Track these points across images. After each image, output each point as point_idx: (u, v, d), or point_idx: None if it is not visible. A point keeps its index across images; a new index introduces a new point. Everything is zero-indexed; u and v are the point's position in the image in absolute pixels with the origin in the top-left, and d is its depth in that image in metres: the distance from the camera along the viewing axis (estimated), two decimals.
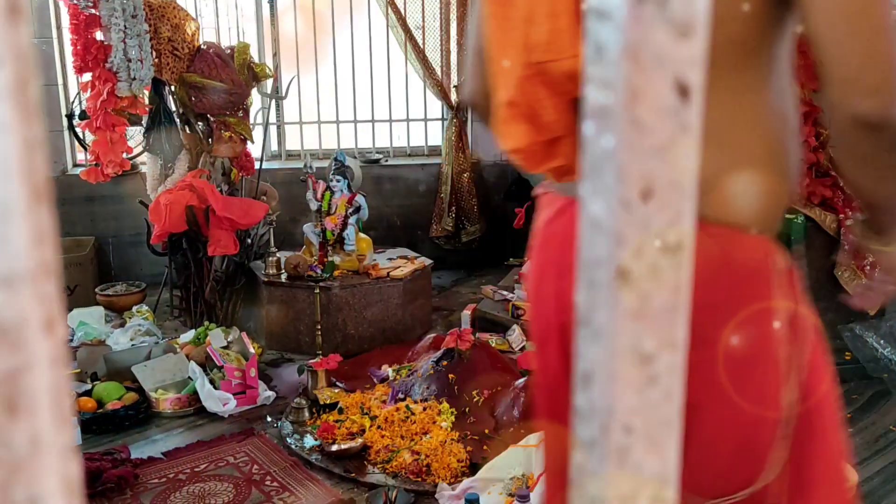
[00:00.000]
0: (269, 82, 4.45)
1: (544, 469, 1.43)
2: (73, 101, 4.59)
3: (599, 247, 0.24)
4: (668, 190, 0.23)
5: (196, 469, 2.93)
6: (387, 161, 5.29)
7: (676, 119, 0.23)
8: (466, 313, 4.23)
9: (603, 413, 0.24)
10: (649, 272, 0.24)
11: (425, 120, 5.45)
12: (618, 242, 0.23)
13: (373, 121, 5.35)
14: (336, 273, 3.99)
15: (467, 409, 3.19)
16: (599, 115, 0.24)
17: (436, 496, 2.71)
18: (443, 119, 5.38)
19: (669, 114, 0.23)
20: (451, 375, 3.28)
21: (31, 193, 0.21)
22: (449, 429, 3.05)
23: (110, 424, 3.19)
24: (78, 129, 4.39)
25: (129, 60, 3.80)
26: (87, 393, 3.35)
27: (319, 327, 3.85)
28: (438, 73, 5.15)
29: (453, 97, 5.18)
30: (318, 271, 3.92)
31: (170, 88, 3.96)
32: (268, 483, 2.84)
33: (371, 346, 3.96)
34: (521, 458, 2.79)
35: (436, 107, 5.41)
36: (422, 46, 5.08)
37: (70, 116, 4.63)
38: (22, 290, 0.22)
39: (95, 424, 3.18)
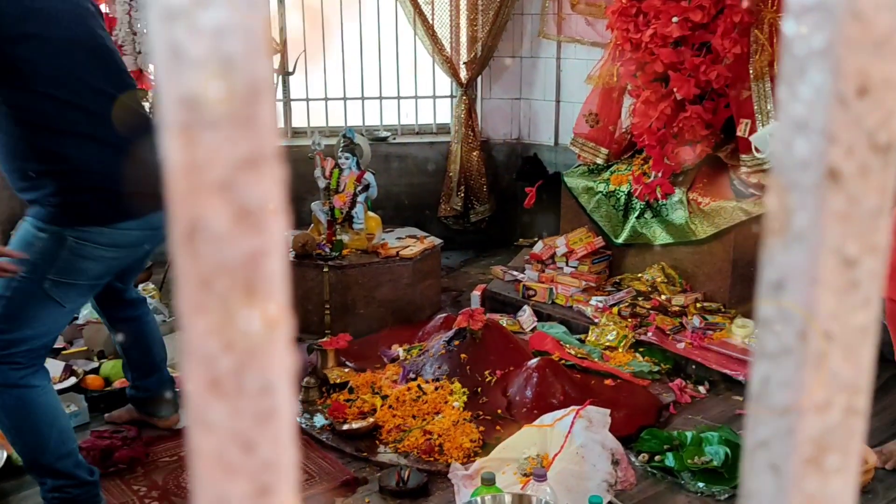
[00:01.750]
0: (277, 58, 4.43)
1: None
2: None
3: (804, 148, 0.24)
4: (882, 88, 0.23)
5: None
6: (395, 139, 5.28)
7: (893, 13, 0.23)
8: (476, 294, 4.24)
9: (800, 319, 0.24)
10: (859, 173, 0.24)
11: (434, 97, 5.44)
12: (829, 141, 0.23)
13: (381, 97, 5.33)
14: (345, 252, 3.99)
15: (479, 389, 3.20)
16: (809, 11, 0.23)
17: (448, 476, 2.72)
18: (452, 96, 5.36)
19: (889, 6, 0.23)
20: (462, 355, 3.28)
21: (271, 80, 0.21)
22: (461, 409, 3.06)
23: (118, 403, 3.19)
24: None
25: (135, 34, 3.78)
26: (95, 371, 3.36)
27: (328, 306, 3.85)
28: (448, 48, 5.12)
29: (462, 74, 5.16)
30: (327, 250, 3.92)
31: None
32: None
33: (381, 325, 3.97)
34: (535, 438, 2.80)
35: (445, 83, 5.39)
36: (431, 21, 5.05)
37: None
38: (266, 172, 0.22)
39: (103, 403, 3.19)
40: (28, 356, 2.25)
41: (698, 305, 3.79)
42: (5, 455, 2.66)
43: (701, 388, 3.34)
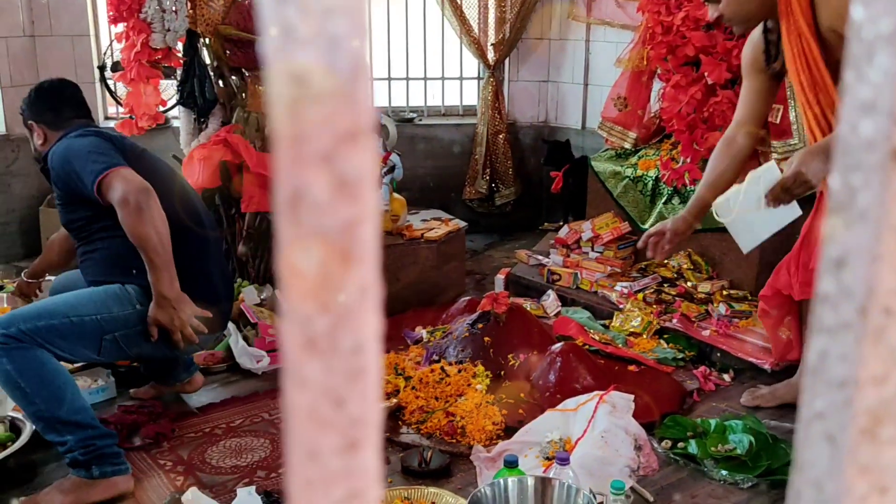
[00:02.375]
0: None
1: None
2: (105, 53, 4.61)
3: (869, 129, 0.25)
4: None
5: (232, 424, 2.98)
6: (421, 120, 5.28)
7: None
8: (500, 277, 4.25)
9: (861, 295, 0.26)
10: None
11: (461, 78, 5.43)
12: (894, 122, 0.24)
13: (407, 78, 5.33)
14: None
15: (502, 373, 3.22)
16: None
17: (471, 458, 2.75)
18: (479, 78, 5.35)
19: None
20: (486, 338, 3.30)
21: (369, 59, 0.23)
22: (484, 391, 3.08)
23: (143, 379, 3.24)
24: (110, 81, 4.41)
25: (164, 11, 3.81)
26: None
27: None
28: (475, 29, 5.11)
29: (490, 55, 5.15)
30: None
31: (204, 41, 3.96)
32: None
33: (404, 307, 3.99)
34: (558, 422, 2.82)
35: (472, 65, 5.38)
36: (459, 2, 5.04)
37: (102, 68, 4.65)
38: (363, 145, 0.24)
39: (129, 378, 3.24)
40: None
41: (724, 293, 3.78)
42: (32, 428, 2.71)
43: (725, 377, 3.34)
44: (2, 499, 2.48)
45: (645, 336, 3.60)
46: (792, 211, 2.52)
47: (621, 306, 3.80)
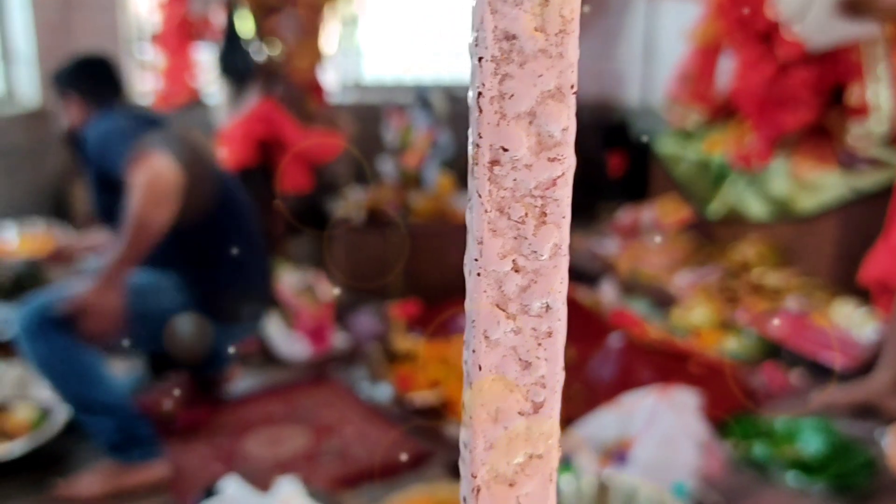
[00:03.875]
0: (348, 7, 4.47)
1: None
2: (143, 24, 4.68)
3: None
4: None
5: (270, 413, 3.03)
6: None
7: None
8: None
9: None
10: None
11: None
12: None
13: (457, 52, 5.34)
14: (415, 214, 4.03)
15: None
16: None
17: None
18: None
19: None
20: None
21: (577, 19, 0.25)
22: None
23: (175, 366, 3.29)
24: (147, 53, 4.47)
25: None
26: None
27: (396, 271, 3.91)
28: None
29: None
30: (396, 212, 3.97)
31: (243, 10, 4.00)
32: (344, 430, 2.92)
33: (450, 293, 4.00)
34: (614, 419, 2.82)
35: None
36: None
37: (139, 39, 4.72)
38: (566, 104, 0.25)
39: (163, 364, 3.29)
40: None
41: (795, 286, 3.74)
42: (65, 411, 2.77)
43: (795, 375, 3.31)
44: (38, 483, 2.55)
45: (708, 330, 3.58)
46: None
47: (683, 298, 3.78)
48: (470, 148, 0.27)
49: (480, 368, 0.28)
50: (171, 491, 2.54)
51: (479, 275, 0.27)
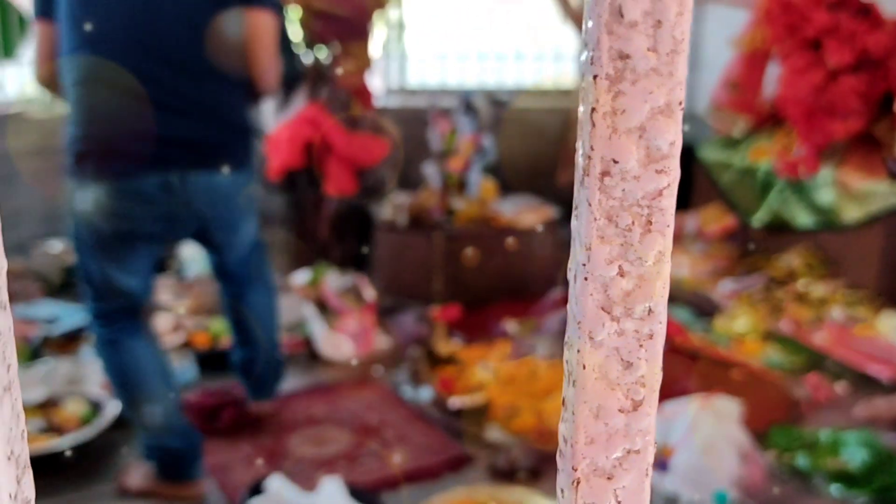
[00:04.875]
0: (395, 13, 4.51)
1: None
2: None
3: None
4: None
5: (312, 413, 3.06)
6: (515, 102, 5.30)
7: None
8: None
9: None
10: None
11: (557, 58, 5.43)
12: None
13: (502, 58, 5.35)
14: (457, 219, 4.05)
15: None
16: None
17: None
18: (577, 57, 5.33)
19: None
20: None
21: (688, 38, 0.26)
22: None
23: (223, 363, 3.34)
24: None
25: None
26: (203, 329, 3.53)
27: (439, 275, 3.93)
28: (575, 3, 5.09)
29: None
30: (439, 216, 3.99)
31: (291, 14, 4.04)
32: (385, 433, 2.94)
33: (492, 298, 4.02)
34: (656, 426, 2.82)
35: (570, 43, 5.37)
36: None
37: None
38: (674, 119, 0.27)
39: (210, 362, 3.35)
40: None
41: (840, 296, 3.70)
42: (115, 407, 2.82)
43: (839, 386, 3.28)
44: (87, 477, 2.60)
45: (751, 339, 3.56)
46: None
47: (726, 306, 3.76)
48: (580, 160, 0.29)
49: (584, 367, 0.29)
50: (218, 488, 2.58)
51: (586, 279, 0.29)
